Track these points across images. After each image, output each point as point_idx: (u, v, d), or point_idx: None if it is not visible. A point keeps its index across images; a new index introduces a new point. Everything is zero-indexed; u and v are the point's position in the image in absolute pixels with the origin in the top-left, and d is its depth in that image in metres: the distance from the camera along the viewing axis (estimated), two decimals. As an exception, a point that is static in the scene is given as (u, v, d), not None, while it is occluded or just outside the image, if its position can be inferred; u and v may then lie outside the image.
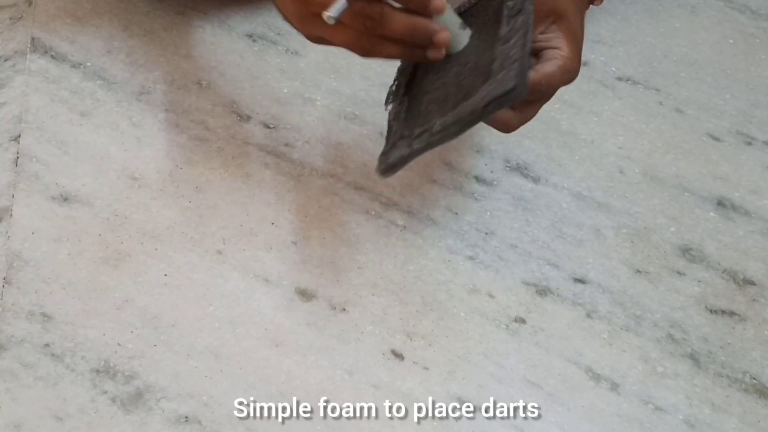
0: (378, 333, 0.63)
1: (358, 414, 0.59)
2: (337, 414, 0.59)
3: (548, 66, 0.58)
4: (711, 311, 0.67)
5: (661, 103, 0.80)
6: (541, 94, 0.60)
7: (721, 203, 0.73)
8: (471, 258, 0.67)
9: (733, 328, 0.66)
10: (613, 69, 0.82)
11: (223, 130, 0.72)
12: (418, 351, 0.62)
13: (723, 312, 0.67)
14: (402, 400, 0.60)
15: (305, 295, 0.64)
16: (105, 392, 0.58)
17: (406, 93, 0.59)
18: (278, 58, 0.78)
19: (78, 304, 0.62)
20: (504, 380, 0.61)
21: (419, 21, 0.54)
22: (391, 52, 0.56)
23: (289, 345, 0.61)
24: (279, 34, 0.80)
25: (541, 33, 0.60)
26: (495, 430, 0.59)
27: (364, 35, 0.54)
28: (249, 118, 0.74)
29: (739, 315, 0.67)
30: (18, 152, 0.69)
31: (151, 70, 0.76)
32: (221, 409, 0.58)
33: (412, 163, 0.70)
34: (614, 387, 0.62)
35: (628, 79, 0.81)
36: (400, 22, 0.53)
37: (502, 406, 0.60)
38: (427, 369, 0.62)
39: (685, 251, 0.70)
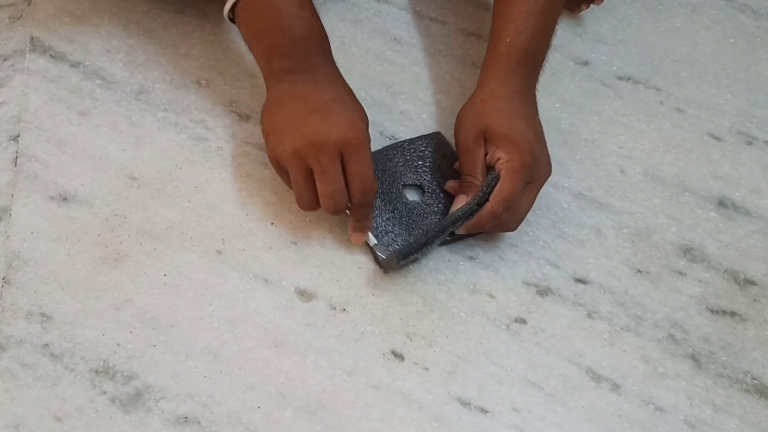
0: (378, 333, 0.63)
1: (358, 414, 0.59)
2: (337, 414, 0.59)
3: (498, 187, 0.63)
4: (712, 311, 0.67)
5: (661, 103, 0.80)
6: (503, 205, 0.63)
7: (722, 203, 0.73)
8: (471, 258, 0.67)
9: (734, 328, 0.66)
10: (614, 68, 0.82)
11: (223, 130, 0.72)
12: (419, 351, 0.62)
13: (724, 312, 0.67)
14: (402, 400, 0.60)
15: (305, 295, 0.64)
16: (104, 392, 0.58)
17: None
18: (278, 58, 0.78)
19: (77, 304, 0.62)
20: (504, 380, 0.61)
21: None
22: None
23: (289, 345, 0.61)
24: (279, 33, 0.79)
25: (486, 155, 0.65)
26: (495, 430, 0.59)
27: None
28: (248, 117, 0.73)
29: (740, 315, 0.67)
30: (17, 152, 0.69)
31: (150, 69, 0.75)
32: (221, 410, 0.58)
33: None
34: (615, 387, 0.62)
35: (628, 79, 0.81)
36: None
37: (502, 406, 0.60)
38: (427, 369, 0.61)
39: (686, 251, 0.70)
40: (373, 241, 0.65)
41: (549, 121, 0.75)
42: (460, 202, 0.65)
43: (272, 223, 0.67)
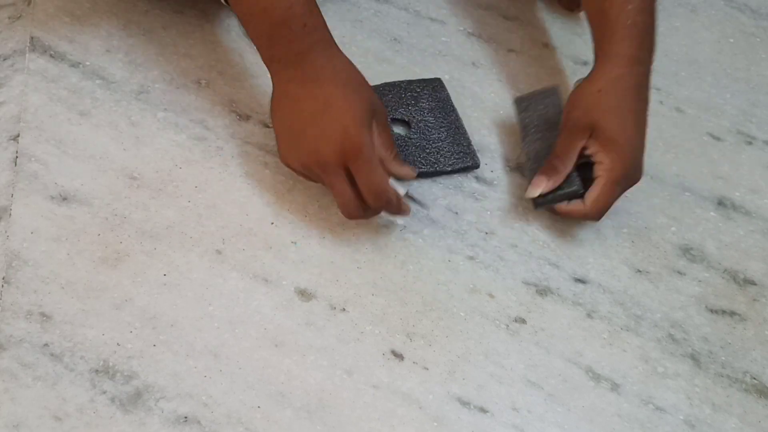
0: (378, 333, 0.63)
1: (357, 414, 0.59)
2: (337, 414, 0.59)
3: (592, 191, 0.65)
4: (711, 311, 0.67)
5: (661, 103, 0.80)
6: (598, 213, 0.66)
7: (721, 203, 0.73)
8: (471, 258, 0.67)
9: (734, 327, 0.66)
10: (614, 68, 0.82)
11: (223, 130, 0.72)
12: (418, 351, 0.62)
13: (723, 312, 0.67)
14: (402, 399, 0.60)
15: (305, 295, 0.64)
16: (104, 392, 0.58)
17: None
18: (278, 57, 0.78)
19: (77, 303, 0.62)
20: (504, 380, 0.61)
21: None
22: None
23: (289, 345, 0.61)
24: (278, 33, 0.79)
25: (584, 149, 0.65)
26: (495, 430, 0.59)
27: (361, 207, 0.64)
28: (248, 117, 0.73)
29: (739, 315, 0.67)
30: (17, 152, 0.69)
31: (150, 69, 0.75)
32: (220, 409, 0.58)
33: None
34: (615, 387, 0.62)
35: (628, 79, 0.81)
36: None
37: (502, 406, 0.60)
38: (427, 369, 0.61)
39: (686, 251, 0.70)
40: (401, 191, 0.65)
41: (549, 121, 0.75)
42: (540, 184, 0.66)
43: (272, 223, 0.67)
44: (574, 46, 0.83)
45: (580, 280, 0.67)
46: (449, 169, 0.71)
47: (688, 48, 0.85)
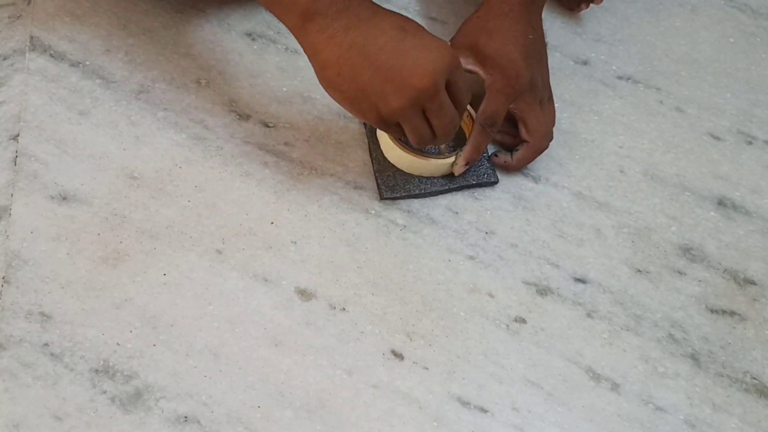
0: (378, 333, 0.63)
1: (357, 413, 0.59)
2: (336, 414, 0.59)
3: (482, 104, 0.68)
4: (711, 311, 0.67)
5: (661, 102, 0.80)
6: (488, 121, 0.68)
7: (721, 203, 0.73)
8: (471, 257, 0.67)
9: (734, 327, 0.66)
10: (614, 68, 0.82)
11: (223, 129, 0.72)
12: (418, 351, 0.62)
13: (724, 312, 0.67)
14: (402, 400, 0.60)
15: (305, 294, 0.64)
16: (104, 392, 0.58)
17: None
18: (277, 57, 0.78)
19: (77, 303, 0.62)
20: (504, 380, 0.61)
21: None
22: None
23: (289, 344, 0.61)
24: (278, 32, 0.79)
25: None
26: (495, 430, 0.59)
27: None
28: (248, 116, 0.73)
29: (739, 315, 0.67)
30: (17, 151, 0.69)
31: (150, 69, 0.75)
32: (220, 409, 0.58)
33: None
34: (615, 387, 0.62)
35: (628, 78, 0.81)
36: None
37: (502, 406, 0.60)
38: (427, 369, 0.61)
39: (686, 251, 0.70)
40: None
41: (549, 121, 0.75)
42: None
43: (272, 223, 0.67)
44: (574, 45, 0.83)
45: (580, 280, 0.67)
46: (474, 182, 0.71)
47: (688, 48, 0.85)
